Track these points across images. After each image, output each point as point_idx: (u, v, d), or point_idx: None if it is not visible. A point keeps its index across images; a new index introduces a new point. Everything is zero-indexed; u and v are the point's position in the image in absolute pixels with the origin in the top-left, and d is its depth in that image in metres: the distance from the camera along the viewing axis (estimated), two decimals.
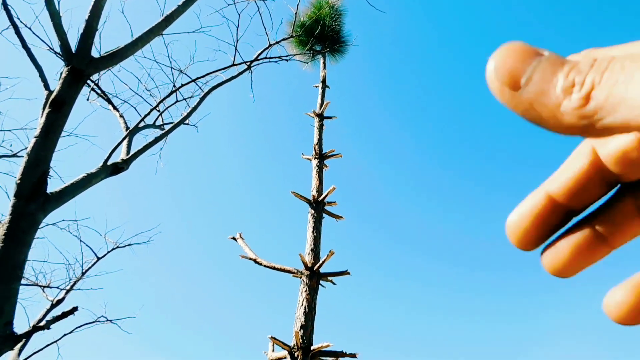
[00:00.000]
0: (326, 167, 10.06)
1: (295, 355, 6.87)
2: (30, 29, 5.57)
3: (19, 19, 4.95)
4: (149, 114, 6.85)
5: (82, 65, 4.20)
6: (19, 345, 9.03)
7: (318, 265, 7.86)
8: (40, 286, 9.51)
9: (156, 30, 4.99)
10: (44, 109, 4.12)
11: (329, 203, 9.17)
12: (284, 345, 7.04)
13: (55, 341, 9.29)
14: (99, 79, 7.43)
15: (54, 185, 4.08)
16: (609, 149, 0.30)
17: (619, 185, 0.32)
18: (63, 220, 8.73)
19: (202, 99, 7.05)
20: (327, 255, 7.81)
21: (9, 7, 4.74)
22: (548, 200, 0.33)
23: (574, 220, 0.33)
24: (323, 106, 11.07)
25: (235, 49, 7.21)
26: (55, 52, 5.96)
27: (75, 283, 10.56)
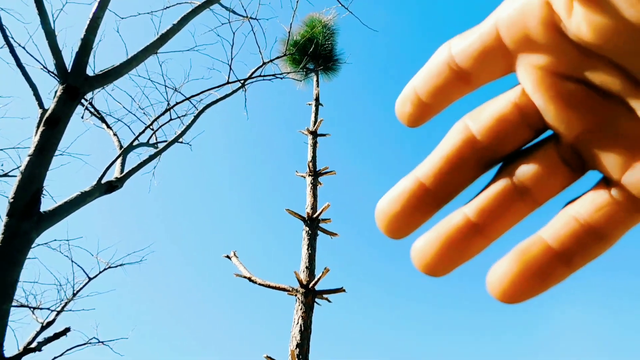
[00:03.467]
0: (320, 184, 10.07)
1: None
2: (24, 48, 5.58)
3: (12, 38, 4.96)
4: (143, 132, 6.84)
5: (77, 83, 4.21)
6: None
7: (313, 282, 7.80)
8: (30, 307, 9.31)
9: (151, 49, 5.02)
10: (38, 127, 4.11)
11: (324, 220, 9.15)
12: None
13: None
14: (92, 98, 7.43)
15: (46, 205, 4.04)
16: (482, 121, 0.28)
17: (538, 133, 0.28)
18: (55, 240, 8.62)
19: (196, 117, 7.06)
20: (322, 272, 7.76)
21: (4, 27, 4.75)
22: (418, 185, 0.29)
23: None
24: (316, 124, 11.13)
25: (230, 67, 7.26)
26: (49, 71, 5.96)
27: (66, 304, 10.36)
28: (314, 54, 12.23)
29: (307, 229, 8.90)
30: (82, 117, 7.50)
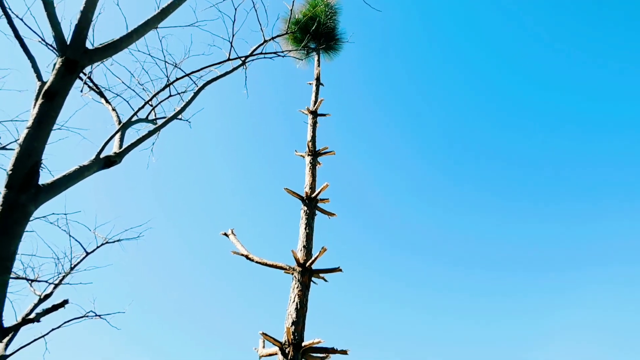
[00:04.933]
0: (319, 164, 10.07)
1: (287, 351, 6.87)
2: (22, 19, 5.50)
3: (10, 9, 4.89)
4: (142, 108, 6.79)
5: (76, 56, 4.16)
6: (5, 339, 8.93)
7: (310, 261, 7.86)
8: (28, 280, 9.41)
9: (151, 23, 4.95)
10: (36, 99, 4.08)
11: (322, 200, 9.17)
12: (275, 341, 7.03)
13: (43, 336, 9.19)
14: (91, 72, 7.36)
15: (44, 179, 4.04)
16: None
17: None
18: (53, 213, 8.66)
19: (196, 94, 7.00)
20: (320, 252, 7.81)
21: None
22: None
23: None
24: (317, 103, 11.07)
25: (231, 44, 7.18)
26: (47, 44, 5.89)
27: (64, 277, 10.48)
28: (316, 32, 12.09)
29: (305, 208, 8.94)
30: (81, 91, 7.44)
